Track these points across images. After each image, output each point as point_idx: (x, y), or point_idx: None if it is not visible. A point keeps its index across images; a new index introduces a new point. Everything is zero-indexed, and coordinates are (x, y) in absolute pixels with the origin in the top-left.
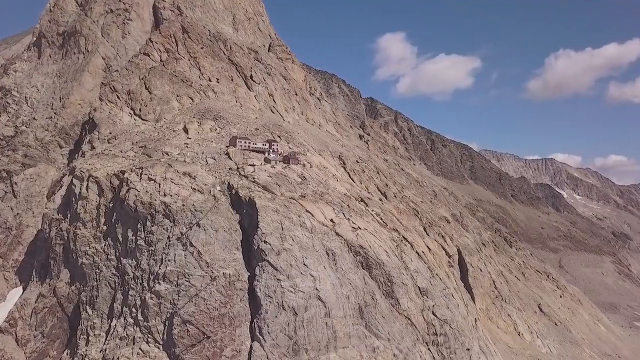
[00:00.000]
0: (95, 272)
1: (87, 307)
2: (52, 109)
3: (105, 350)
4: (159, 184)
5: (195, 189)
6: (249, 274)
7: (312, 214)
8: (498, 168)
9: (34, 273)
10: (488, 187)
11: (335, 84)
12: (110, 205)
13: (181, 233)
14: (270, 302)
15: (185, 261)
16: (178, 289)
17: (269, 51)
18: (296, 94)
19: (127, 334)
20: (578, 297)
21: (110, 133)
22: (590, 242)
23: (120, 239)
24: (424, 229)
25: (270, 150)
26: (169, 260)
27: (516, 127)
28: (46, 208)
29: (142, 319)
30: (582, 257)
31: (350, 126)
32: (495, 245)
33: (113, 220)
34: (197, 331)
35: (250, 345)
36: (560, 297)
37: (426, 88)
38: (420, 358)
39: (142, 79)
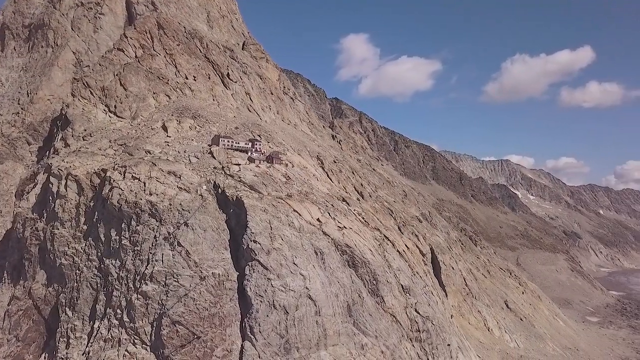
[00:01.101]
0: (76, 273)
1: (67, 309)
2: (18, 104)
3: (89, 353)
4: (144, 183)
5: (181, 188)
6: (237, 273)
7: (299, 214)
8: (458, 169)
9: (5, 275)
10: (449, 188)
11: (301, 83)
12: (91, 204)
13: (168, 233)
14: (261, 301)
15: (173, 261)
16: (166, 289)
17: (242, 49)
18: (271, 93)
19: (111, 336)
20: (538, 293)
21: (85, 130)
22: (545, 240)
23: (103, 238)
24: (399, 228)
25: (253, 149)
26: (156, 261)
27: (474, 128)
28: (19, 207)
29: (128, 320)
30: (537, 255)
31: (323, 126)
32: (462, 244)
33: (95, 219)
34: (187, 331)
35: (242, 345)
36: (523, 293)
37: (387, 89)
38: (406, 354)
39: (116, 75)
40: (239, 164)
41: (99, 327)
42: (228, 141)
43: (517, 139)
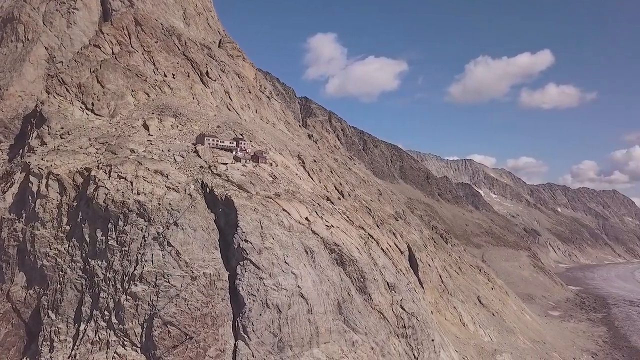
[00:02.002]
0: (59, 275)
1: (50, 311)
2: None
3: (76, 356)
4: (131, 182)
5: (170, 188)
6: (228, 273)
7: (288, 213)
8: (425, 168)
9: None
10: (416, 187)
11: (270, 82)
12: (74, 204)
13: (157, 233)
14: (253, 300)
15: (163, 261)
16: (157, 289)
17: (219, 47)
18: (249, 92)
19: (99, 338)
20: (505, 289)
21: (62, 128)
22: (508, 238)
23: (88, 239)
24: (377, 226)
25: (238, 148)
26: (145, 261)
27: (438, 128)
28: None
29: (116, 321)
30: (501, 252)
31: (300, 125)
32: (434, 242)
33: (78, 219)
34: (179, 332)
35: (235, 344)
36: (492, 289)
37: (354, 89)
38: (394, 350)
39: (93, 71)
40: (226, 163)
41: (85, 329)
42: (213, 140)
43: (479, 139)
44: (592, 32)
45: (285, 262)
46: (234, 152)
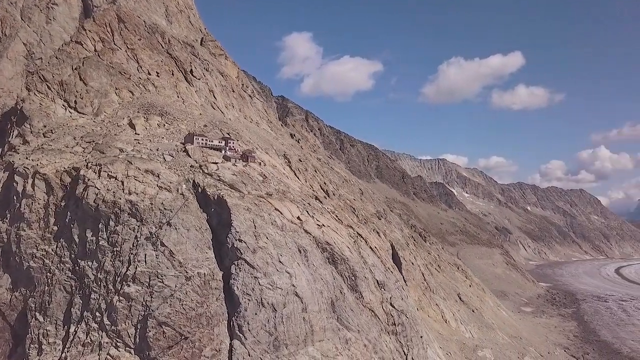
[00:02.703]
0: (46, 276)
1: (37, 313)
2: None
3: (66, 359)
4: (122, 182)
5: (162, 187)
6: (222, 272)
7: (281, 212)
8: (400, 167)
9: None
10: (392, 186)
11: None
12: (62, 204)
13: (150, 233)
14: (249, 299)
15: (157, 261)
16: (150, 290)
17: (201, 46)
18: (233, 91)
19: (91, 340)
20: (481, 286)
21: (45, 126)
22: (481, 236)
23: (77, 239)
24: (362, 225)
25: (227, 147)
26: (138, 261)
27: (412, 128)
28: None
29: (109, 323)
30: (475, 250)
31: (281, 124)
32: (414, 240)
33: (67, 220)
34: (174, 332)
35: (231, 344)
36: (470, 286)
37: (329, 88)
38: (386, 347)
39: (75, 69)
40: (217, 163)
41: (75, 331)
42: (202, 139)
43: (452, 138)
44: (562, 35)
45: (280, 261)
46: (223, 152)
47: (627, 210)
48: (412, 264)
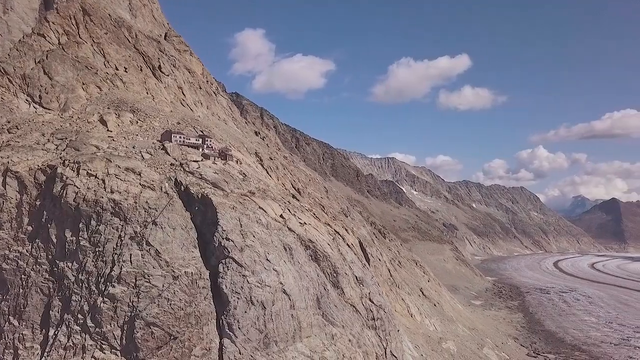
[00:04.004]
0: (21, 279)
1: (11, 317)
2: None
3: None
4: (103, 180)
5: (145, 186)
6: (209, 271)
7: (264, 211)
8: (355, 165)
9: None
10: (347, 184)
11: None
12: (37, 203)
13: (135, 232)
14: (238, 298)
15: (143, 261)
16: (137, 290)
17: (165, 40)
18: (200, 88)
19: (73, 343)
20: (437, 281)
21: (9, 122)
22: (433, 232)
23: (55, 240)
24: (334, 222)
25: (204, 145)
26: (123, 261)
27: (362, 127)
28: None
29: (93, 325)
30: (427, 246)
31: (246, 122)
32: (376, 237)
33: (43, 220)
34: (163, 332)
35: (221, 342)
36: (428, 281)
37: (281, 86)
38: (368, 341)
39: (38, 62)
40: (197, 161)
41: (55, 334)
42: (180, 137)
43: (400, 138)
44: (506, 39)
45: (267, 259)
46: (201, 150)
47: (562, 207)
48: (379, 260)
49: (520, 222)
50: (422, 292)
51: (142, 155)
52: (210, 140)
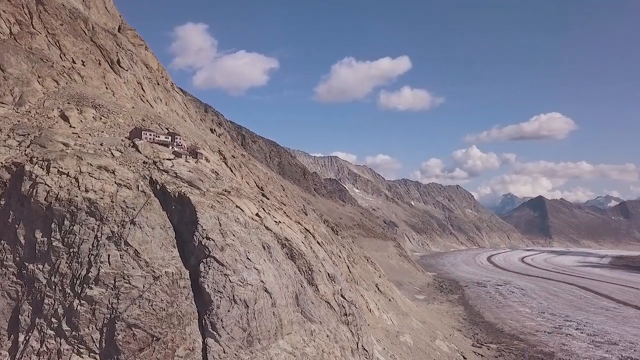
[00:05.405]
0: None
1: None
2: None
3: None
4: (76, 179)
5: (121, 184)
6: (188, 271)
7: (241, 209)
8: (301, 164)
9: None
10: (294, 182)
11: None
12: (2, 202)
13: (112, 232)
14: (220, 297)
15: (122, 262)
16: (116, 291)
17: (119, 33)
18: (158, 84)
19: (47, 348)
20: (386, 277)
21: None
22: (377, 229)
23: (23, 241)
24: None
25: (174, 143)
26: (101, 262)
27: (305, 126)
28: None
29: (68, 328)
30: (372, 243)
31: (201, 119)
32: (333, 234)
33: (10, 220)
34: (145, 334)
35: (204, 342)
36: (380, 277)
37: (223, 82)
38: (344, 336)
39: None
40: (171, 159)
41: (27, 339)
42: (150, 134)
43: (342, 137)
44: (444, 43)
45: (248, 258)
46: (171, 148)
47: (493, 204)
48: (339, 257)
49: (456, 219)
50: (378, 288)
51: (112, 153)
52: (180, 138)
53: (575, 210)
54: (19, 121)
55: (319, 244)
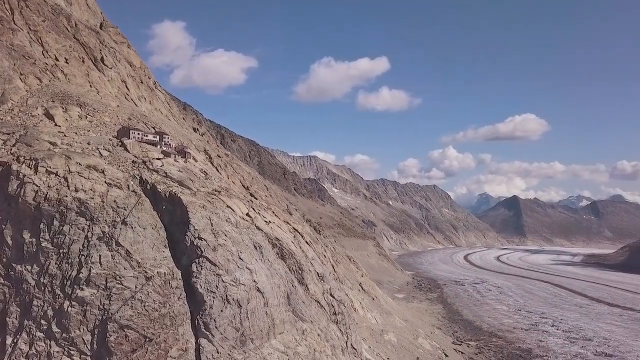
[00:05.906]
0: None
1: None
2: None
3: None
4: (65, 178)
5: (111, 184)
6: (180, 271)
7: (232, 209)
8: (281, 163)
9: None
10: (274, 181)
11: None
12: None
13: (103, 232)
14: (213, 297)
15: (113, 262)
16: (108, 292)
17: (101, 30)
18: (142, 82)
19: (36, 350)
20: (368, 276)
21: None
22: (356, 229)
23: (10, 242)
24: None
25: (162, 142)
26: (92, 263)
27: (284, 125)
28: None
29: (59, 330)
30: (352, 242)
31: (184, 118)
32: (317, 234)
33: None
34: (138, 335)
35: (197, 342)
36: (362, 276)
37: (200, 80)
38: (334, 335)
39: None
40: (160, 159)
41: (15, 342)
42: (138, 133)
43: (321, 136)
44: (423, 43)
45: (240, 258)
46: (159, 147)
47: (469, 204)
48: (325, 256)
49: (433, 219)
50: (362, 287)
51: (100, 152)
52: (168, 137)
53: (549, 210)
54: (2, 119)
55: (308, 243)
